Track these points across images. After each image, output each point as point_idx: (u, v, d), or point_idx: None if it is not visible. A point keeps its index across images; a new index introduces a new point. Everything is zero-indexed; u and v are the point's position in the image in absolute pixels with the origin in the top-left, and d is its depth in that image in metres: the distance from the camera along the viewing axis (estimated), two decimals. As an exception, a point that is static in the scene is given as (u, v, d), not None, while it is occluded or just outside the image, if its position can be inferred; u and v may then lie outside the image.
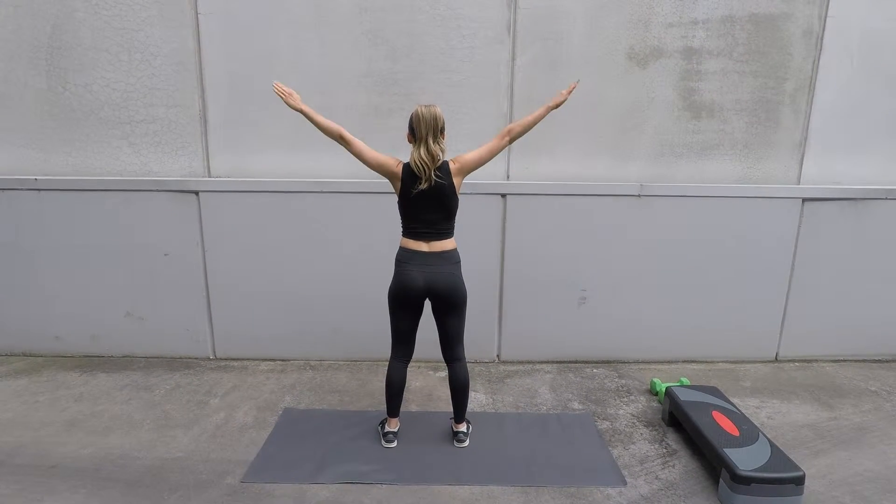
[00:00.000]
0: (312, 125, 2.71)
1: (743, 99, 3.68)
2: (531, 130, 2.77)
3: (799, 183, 3.82)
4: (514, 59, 3.59)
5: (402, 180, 2.62)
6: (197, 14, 3.50)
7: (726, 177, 3.79)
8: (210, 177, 3.72)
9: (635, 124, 3.70)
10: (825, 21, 3.60)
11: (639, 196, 3.71)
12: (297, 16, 3.52)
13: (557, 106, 2.75)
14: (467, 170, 2.68)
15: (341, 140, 2.69)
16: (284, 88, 2.71)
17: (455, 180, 2.64)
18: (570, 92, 2.74)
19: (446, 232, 2.69)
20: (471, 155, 2.67)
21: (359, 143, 2.68)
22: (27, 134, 3.67)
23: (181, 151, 3.68)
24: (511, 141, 2.73)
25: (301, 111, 2.69)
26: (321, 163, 3.70)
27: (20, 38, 3.53)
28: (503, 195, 3.69)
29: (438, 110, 2.56)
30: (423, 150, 2.55)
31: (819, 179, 3.81)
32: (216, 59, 3.57)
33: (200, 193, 3.66)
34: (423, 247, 2.66)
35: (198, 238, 3.73)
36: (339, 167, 3.68)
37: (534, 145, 3.69)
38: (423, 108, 2.55)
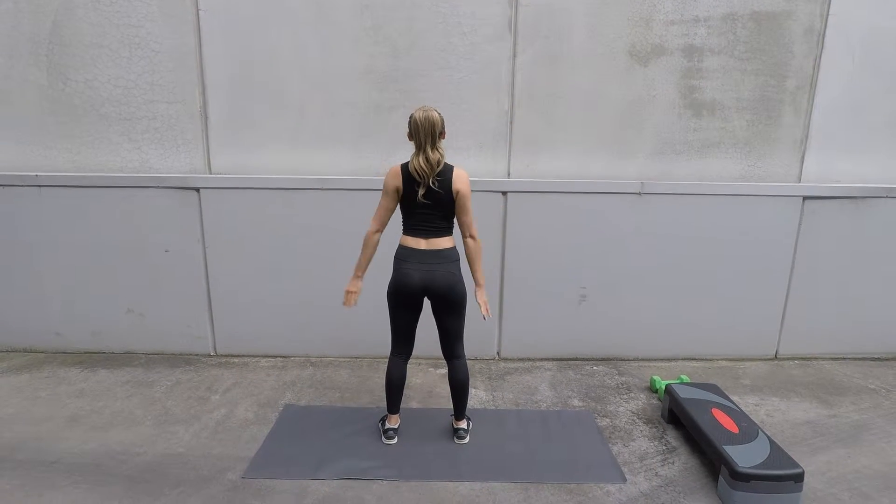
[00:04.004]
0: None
1: (744, 97, 3.68)
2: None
3: (799, 181, 3.82)
4: (514, 56, 3.58)
5: (404, 183, 2.62)
6: (197, 10, 3.50)
7: (727, 175, 3.79)
8: (211, 173, 3.72)
9: (636, 122, 3.70)
10: (827, 19, 3.60)
11: (639, 194, 3.71)
12: (298, 12, 3.51)
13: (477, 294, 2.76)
14: (458, 198, 2.63)
15: (380, 232, 2.72)
16: (349, 301, 2.82)
17: (453, 188, 2.61)
18: (484, 309, 2.72)
19: (445, 230, 2.69)
20: (468, 199, 2.63)
21: (380, 213, 2.70)
22: (28, 130, 3.66)
23: (182, 148, 3.68)
24: (465, 239, 2.71)
25: (362, 275, 2.80)
26: (322, 160, 3.70)
27: (20, 34, 3.53)
28: (504, 192, 3.69)
29: (435, 114, 2.55)
30: (422, 159, 2.56)
31: (820, 178, 3.82)
32: (217, 56, 3.56)
33: (201, 190, 3.66)
34: (421, 244, 2.66)
35: (198, 235, 3.74)
36: (339, 164, 3.69)
37: (535, 142, 3.70)
38: (420, 114, 2.54)
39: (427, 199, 2.60)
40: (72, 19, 3.50)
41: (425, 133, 2.53)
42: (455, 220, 2.72)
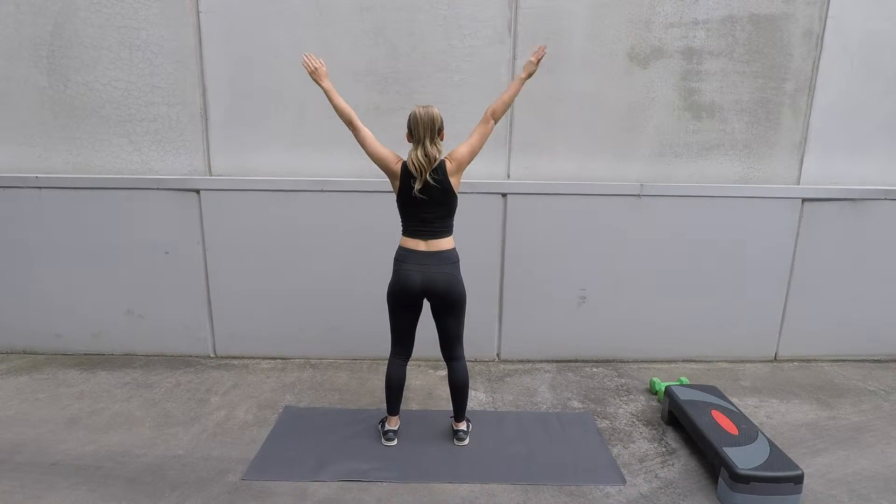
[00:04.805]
0: (330, 104, 2.71)
1: (743, 99, 3.69)
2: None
3: (798, 183, 3.82)
4: (514, 58, 3.59)
5: (401, 179, 2.63)
6: (198, 12, 3.51)
7: (726, 177, 3.80)
8: (211, 175, 3.72)
9: (636, 124, 3.71)
10: (825, 22, 3.61)
11: (639, 196, 3.71)
12: (298, 14, 3.52)
13: (530, 76, 2.69)
14: (464, 166, 2.67)
15: (350, 125, 2.68)
16: (314, 61, 2.68)
17: (452, 180, 2.63)
18: (540, 59, 2.68)
19: (445, 231, 2.70)
20: (463, 149, 2.65)
21: (365, 132, 2.67)
22: (28, 132, 3.67)
23: (182, 149, 3.69)
24: (496, 122, 2.68)
25: (323, 88, 2.69)
26: (322, 161, 3.70)
27: (21, 36, 3.54)
28: (504, 195, 3.69)
29: (436, 111, 2.57)
30: (420, 152, 2.56)
31: (819, 180, 3.82)
32: (217, 58, 3.57)
33: (201, 192, 3.67)
34: (421, 246, 2.67)
35: (198, 236, 3.74)
36: (339, 166, 3.69)
37: (534, 145, 3.71)
38: (421, 110, 2.56)
39: (423, 195, 2.59)
40: (73, 21, 3.51)
41: (425, 127, 2.54)
42: (455, 218, 2.73)
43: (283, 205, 3.68)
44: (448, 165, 2.62)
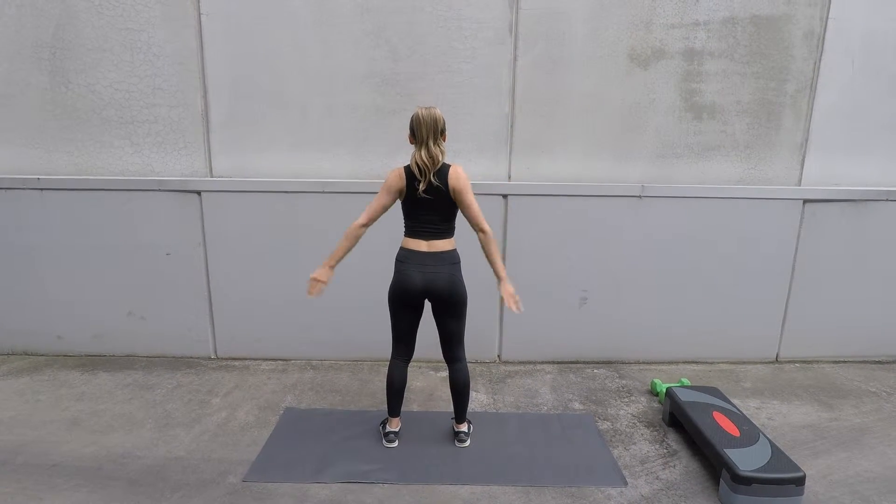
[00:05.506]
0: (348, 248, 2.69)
1: (744, 100, 3.69)
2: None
3: (800, 184, 3.82)
4: (515, 59, 3.59)
5: (407, 182, 2.63)
6: (199, 14, 3.51)
7: (727, 178, 3.79)
8: (212, 177, 3.73)
9: (637, 125, 3.71)
10: (826, 22, 3.61)
11: (640, 197, 3.71)
12: (299, 16, 3.53)
13: (501, 284, 2.66)
14: (456, 192, 2.61)
15: (366, 227, 2.67)
16: (314, 287, 2.70)
17: (450, 185, 2.62)
18: (511, 302, 2.63)
19: (447, 232, 2.70)
20: (466, 194, 2.60)
21: (373, 208, 2.65)
22: (30, 133, 3.68)
23: (183, 151, 3.69)
24: (476, 232, 2.66)
25: (334, 266, 2.70)
26: (323, 163, 3.71)
27: (23, 38, 3.54)
28: (504, 196, 3.69)
29: (438, 112, 2.58)
30: (423, 153, 2.57)
31: (820, 181, 3.82)
32: (218, 60, 3.57)
33: (202, 193, 3.67)
34: (422, 246, 2.67)
35: (200, 238, 3.74)
36: (340, 167, 3.70)
37: (535, 146, 3.71)
38: (423, 111, 2.57)
39: (427, 196, 2.60)
40: (74, 24, 3.52)
41: (427, 129, 2.55)
42: (457, 220, 2.73)
43: (284, 206, 3.68)
44: (451, 174, 2.60)
